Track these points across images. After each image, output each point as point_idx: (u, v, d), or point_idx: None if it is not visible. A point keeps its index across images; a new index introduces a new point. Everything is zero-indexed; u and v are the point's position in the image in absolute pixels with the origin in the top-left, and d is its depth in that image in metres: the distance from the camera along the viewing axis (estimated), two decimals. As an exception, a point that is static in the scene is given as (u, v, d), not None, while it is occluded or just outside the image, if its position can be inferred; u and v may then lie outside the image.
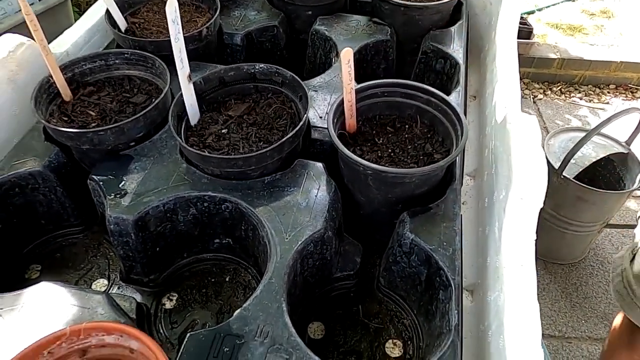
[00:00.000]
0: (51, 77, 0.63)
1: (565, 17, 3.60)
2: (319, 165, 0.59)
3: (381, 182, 0.55)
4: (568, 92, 3.26)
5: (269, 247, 0.52)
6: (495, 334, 0.47)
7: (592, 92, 3.27)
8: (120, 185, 0.56)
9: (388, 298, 0.60)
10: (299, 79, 0.64)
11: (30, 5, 0.94)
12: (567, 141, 2.23)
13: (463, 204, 0.70)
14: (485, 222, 0.60)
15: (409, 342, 0.56)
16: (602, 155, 2.18)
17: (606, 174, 2.19)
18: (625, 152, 2.21)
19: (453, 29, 0.80)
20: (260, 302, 0.47)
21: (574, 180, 2.07)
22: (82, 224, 0.66)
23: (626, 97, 3.16)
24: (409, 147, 0.60)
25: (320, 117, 0.66)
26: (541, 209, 0.50)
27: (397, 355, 0.56)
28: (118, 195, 0.55)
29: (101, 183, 0.56)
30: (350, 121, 0.60)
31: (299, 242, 0.51)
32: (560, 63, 3.23)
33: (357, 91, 0.60)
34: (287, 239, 0.52)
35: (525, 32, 3.10)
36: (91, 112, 0.64)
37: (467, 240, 0.64)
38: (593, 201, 2.03)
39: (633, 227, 0.94)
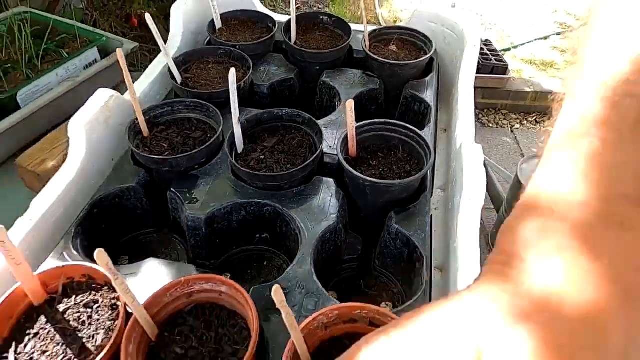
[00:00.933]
0: (136, 119, 0.87)
1: (538, 54, 3.92)
2: (331, 180, 0.84)
3: (375, 190, 0.80)
4: (542, 122, 3.55)
5: (299, 236, 0.76)
6: (453, 277, 0.71)
7: (564, 122, 3.52)
8: (192, 196, 0.80)
9: (381, 274, 0.84)
10: (314, 120, 0.89)
11: (97, 62, 1.19)
12: (536, 165, 2.47)
13: (435, 209, 0.95)
14: (449, 219, 0.85)
15: (397, 304, 0.80)
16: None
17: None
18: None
19: (427, 80, 1.06)
20: (298, 268, 0.70)
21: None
22: (155, 226, 0.90)
23: (595, 125, 3.42)
24: (394, 167, 0.85)
25: (330, 147, 0.91)
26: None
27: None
28: (192, 202, 0.79)
29: (179, 194, 0.80)
30: (352, 149, 0.85)
31: (320, 232, 0.75)
32: (534, 96, 3.53)
33: (357, 128, 0.85)
34: (311, 229, 0.76)
35: (501, 68, 3.41)
36: (164, 145, 0.89)
37: (439, 233, 0.89)
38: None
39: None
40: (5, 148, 1.07)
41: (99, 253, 0.50)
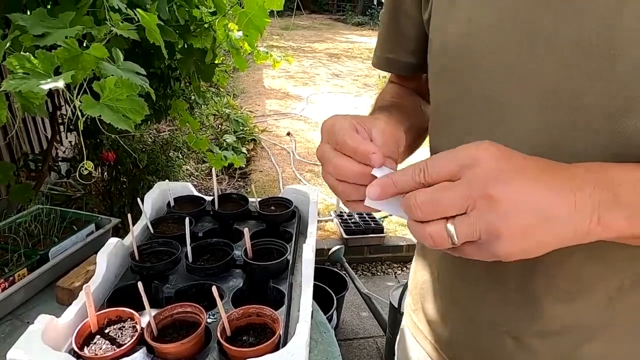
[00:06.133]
0: (133, 252, 1.64)
1: (408, 218, 5.06)
2: (239, 270, 1.63)
3: (261, 269, 1.60)
4: (417, 267, 4.49)
5: (224, 295, 1.51)
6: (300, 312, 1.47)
7: (433, 265, 4.50)
8: (167, 283, 1.54)
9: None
10: (230, 243, 1.71)
11: (94, 232, 1.97)
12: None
13: (294, 280, 1.74)
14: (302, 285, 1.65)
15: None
16: (424, 296, 3.28)
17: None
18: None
19: (292, 221, 1.95)
20: (224, 304, 1.45)
21: (408, 313, 3.11)
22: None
23: (457, 266, 4.44)
24: (271, 259, 1.66)
25: (239, 255, 1.71)
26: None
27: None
28: (168, 286, 1.53)
29: (159, 282, 1.54)
30: (250, 253, 1.66)
31: (234, 291, 1.52)
32: (407, 248, 4.56)
33: (252, 245, 1.68)
34: (230, 291, 1.52)
35: (379, 229, 4.48)
36: (148, 263, 1.65)
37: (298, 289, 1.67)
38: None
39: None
40: (44, 282, 1.80)
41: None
